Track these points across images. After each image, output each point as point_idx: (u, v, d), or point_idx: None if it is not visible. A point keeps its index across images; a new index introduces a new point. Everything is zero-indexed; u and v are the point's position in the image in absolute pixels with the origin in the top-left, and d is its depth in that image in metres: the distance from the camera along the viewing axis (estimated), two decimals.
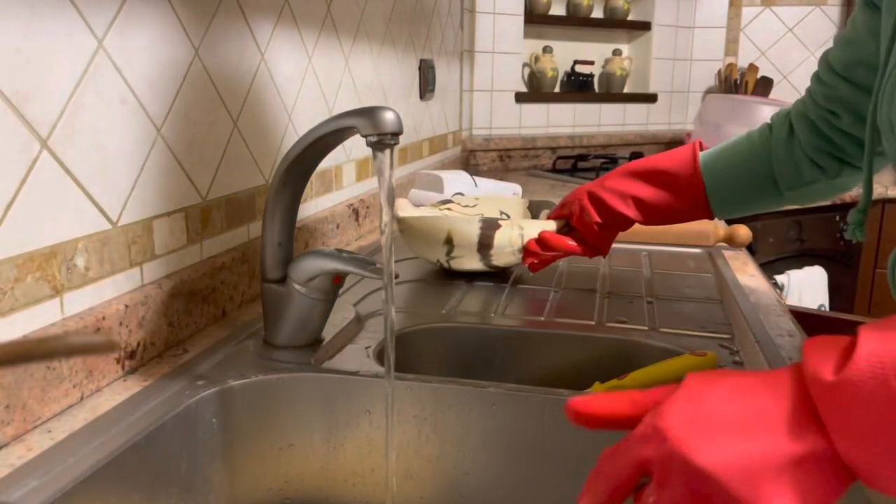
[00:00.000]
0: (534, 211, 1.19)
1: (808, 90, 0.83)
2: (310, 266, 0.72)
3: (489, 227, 0.99)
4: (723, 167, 0.85)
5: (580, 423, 0.44)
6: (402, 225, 1.02)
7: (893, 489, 0.34)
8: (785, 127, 0.84)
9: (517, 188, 1.62)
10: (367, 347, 0.79)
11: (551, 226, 1.01)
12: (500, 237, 0.99)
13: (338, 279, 0.74)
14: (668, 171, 0.85)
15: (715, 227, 1.29)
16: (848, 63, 0.76)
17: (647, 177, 0.85)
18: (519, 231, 1.00)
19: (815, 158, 0.82)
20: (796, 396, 0.37)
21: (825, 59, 0.80)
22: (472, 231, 0.99)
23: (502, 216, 1.21)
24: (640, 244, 1.30)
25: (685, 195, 0.85)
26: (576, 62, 2.59)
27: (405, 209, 1.09)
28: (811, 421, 0.36)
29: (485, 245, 1.00)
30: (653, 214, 0.86)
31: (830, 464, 0.35)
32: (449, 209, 1.20)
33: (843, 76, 0.77)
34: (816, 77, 0.82)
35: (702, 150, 0.87)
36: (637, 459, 0.40)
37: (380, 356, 0.78)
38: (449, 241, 1.00)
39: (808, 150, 0.82)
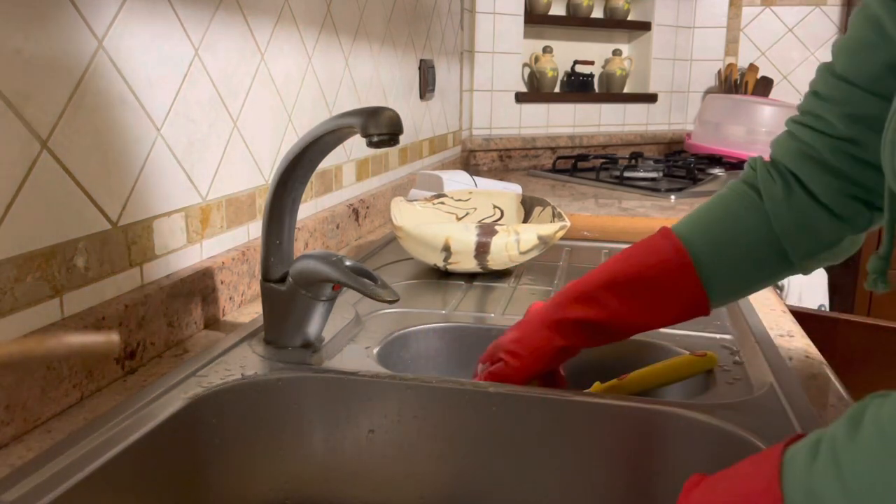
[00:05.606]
0: (527, 206, 1.19)
1: (807, 123, 0.64)
2: (311, 271, 0.71)
3: (486, 233, 0.99)
4: (710, 257, 0.66)
5: None
6: (401, 233, 1.02)
7: None
8: (777, 182, 0.65)
9: (517, 188, 1.62)
10: (366, 347, 0.79)
11: (547, 229, 1.01)
12: (496, 243, 0.99)
13: (338, 286, 0.74)
14: (649, 279, 0.67)
15: None
16: (876, 73, 0.59)
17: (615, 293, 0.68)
18: (515, 237, 1.00)
19: (836, 209, 0.63)
20: None
21: (834, 75, 0.62)
22: (469, 238, 0.99)
23: (496, 211, 1.21)
24: None
25: (672, 302, 0.67)
26: (576, 62, 2.59)
27: (400, 207, 1.09)
28: None
29: (482, 252, 1.00)
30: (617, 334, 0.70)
31: None
32: (442, 203, 1.19)
33: (868, 90, 0.59)
34: (825, 99, 0.63)
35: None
36: None
37: (380, 356, 0.78)
38: (446, 248, 1.00)
39: (827, 199, 0.63)
